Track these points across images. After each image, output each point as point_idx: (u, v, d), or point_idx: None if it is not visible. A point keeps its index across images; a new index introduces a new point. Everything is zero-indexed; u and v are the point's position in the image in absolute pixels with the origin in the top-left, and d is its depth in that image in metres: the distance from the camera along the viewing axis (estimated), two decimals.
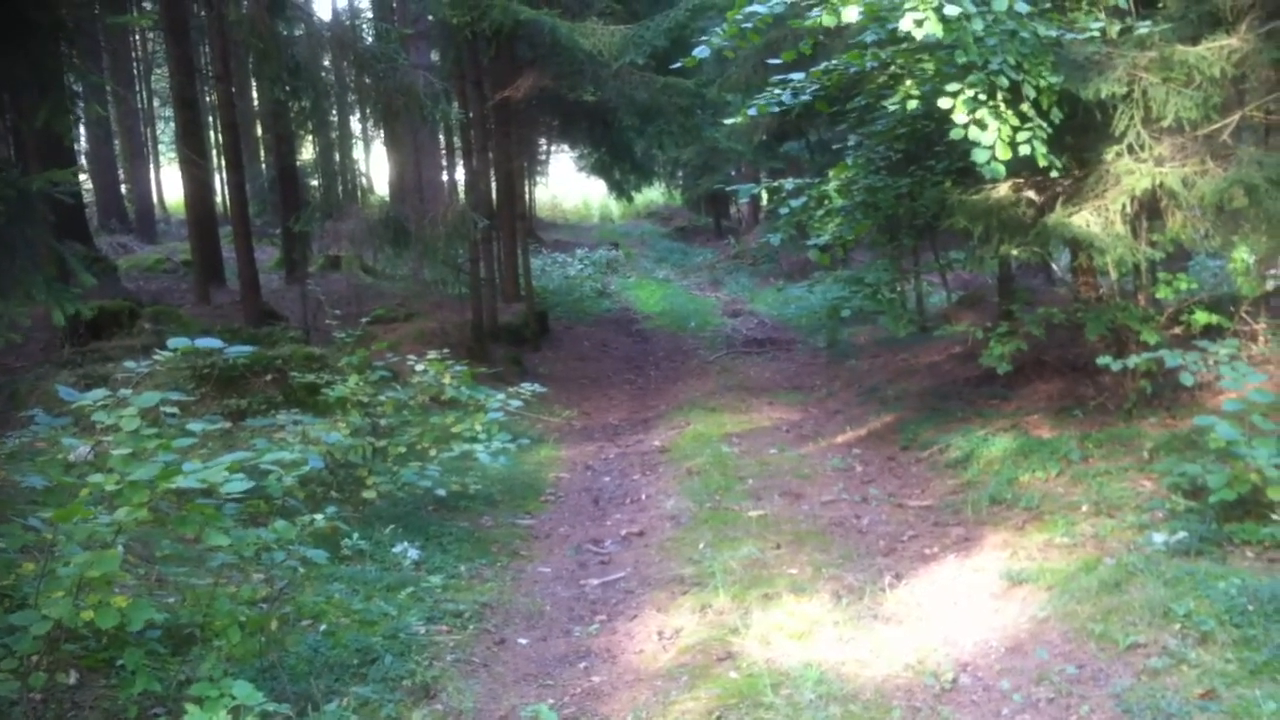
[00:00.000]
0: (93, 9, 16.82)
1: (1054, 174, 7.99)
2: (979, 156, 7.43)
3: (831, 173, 11.46)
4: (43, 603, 4.14)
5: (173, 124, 26.75)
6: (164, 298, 16.65)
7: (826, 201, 11.30)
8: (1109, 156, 8.00)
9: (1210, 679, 4.58)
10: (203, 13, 17.13)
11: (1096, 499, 7.22)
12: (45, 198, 6.36)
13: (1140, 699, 4.54)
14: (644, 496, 9.25)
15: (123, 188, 28.41)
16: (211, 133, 26.84)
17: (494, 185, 17.86)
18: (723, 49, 8.67)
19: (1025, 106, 7.53)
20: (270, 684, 4.81)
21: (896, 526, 7.80)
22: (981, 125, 7.37)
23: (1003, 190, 8.63)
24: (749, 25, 8.29)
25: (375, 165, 38.35)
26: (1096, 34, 7.74)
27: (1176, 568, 5.66)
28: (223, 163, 21.45)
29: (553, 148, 37.76)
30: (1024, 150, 7.45)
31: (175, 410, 5.35)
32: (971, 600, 6.09)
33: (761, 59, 12.66)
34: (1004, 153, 7.39)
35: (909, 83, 8.75)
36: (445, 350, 9.62)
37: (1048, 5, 7.96)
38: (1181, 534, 6.11)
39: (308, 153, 25.27)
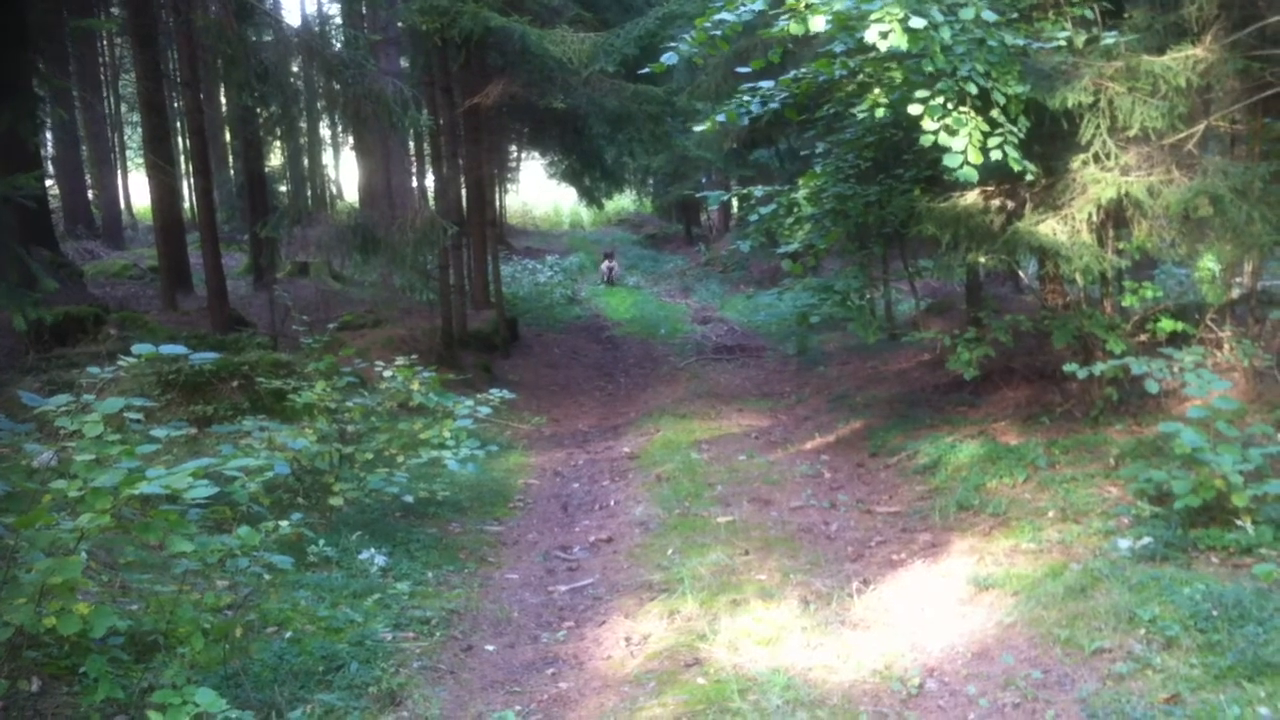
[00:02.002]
0: (59, 13, 16.75)
1: (1028, 178, 8.02)
2: (951, 161, 7.45)
3: (801, 180, 11.49)
4: (4, 609, 4.09)
5: (140, 129, 26.53)
6: (130, 304, 16.54)
7: (796, 209, 11.34)
8: (1075, 165, 8.05)
9: (1175, 684, 4.60)
10: (170, 18, 17.03)
11: (1063, 505, 7.25)
12: (8, 202, 6.32)
13: (1105, 704, 4.56)
14: (613, 503, 9.24)
15: (90, 193, 28.19)
16: (179, 138, 26.69)
17: (464, 192, 17.84)
18: (692, 56, 8.66)
19: (995, 113, 7.56)
20: (234, 691, 4.78)
21: (864, 532, 7.82)
22: (951, 132, 7.41)
23: (971, 198, 8.68)
24: (718, 33, 8.29)
25: (344, 171, 38.30)
26: (1063, 44, 7.79)
27: (1142, 573, 5.69)
28: (190, 168, 21.35)
29: (523, 155, 37.75)
30: (995, 155, 7.47)
31: (140, 416, 5.31)
32: (938, 606, 6.11)
33: (731, 67, 12.66)
34: (976, 157, 7.41)
35: (877, 91, 8.78)
36: (414, 356, 9.59)
37: (1015, 15, 8.00)
38: (1147, 540, 6.14)
39: (276, 159, 25.22)
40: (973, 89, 7.38)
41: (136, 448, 4.63)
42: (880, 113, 8.62)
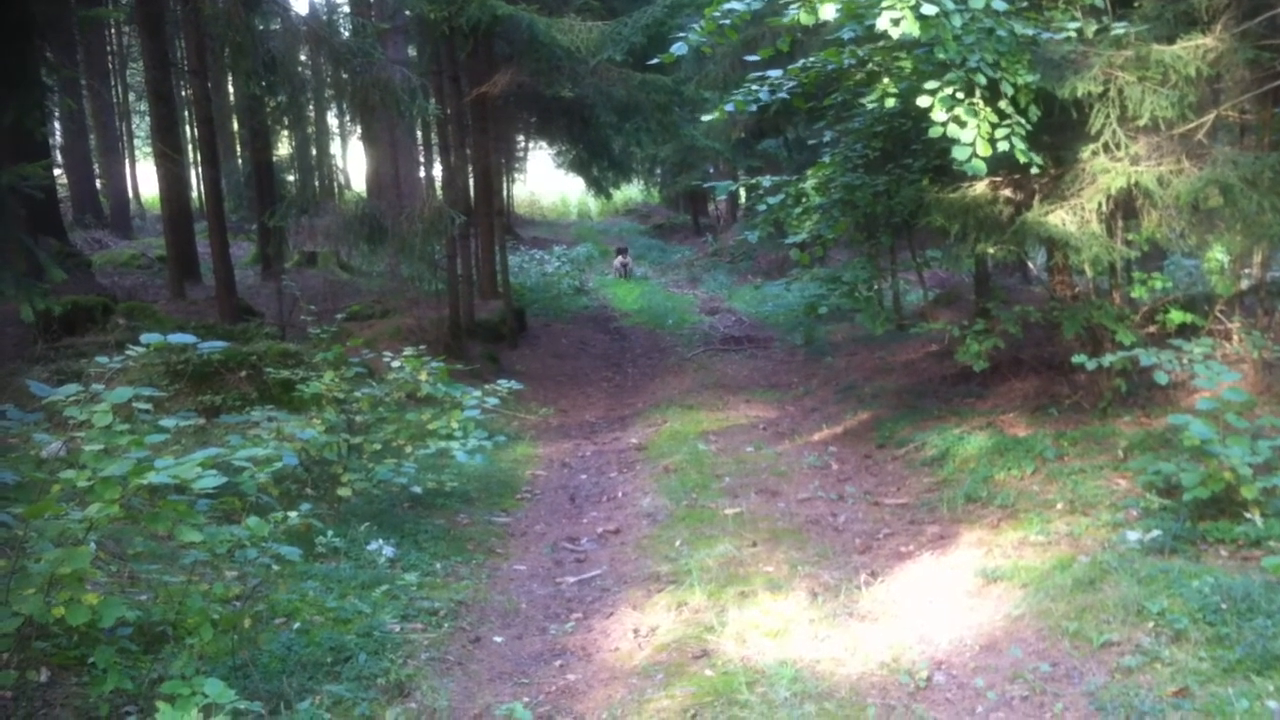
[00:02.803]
0: (66, 2, 16.73)
1: (1034, 170, 8.00)
2: (959, 154, 7.43)
3: (809, 171, 11.47)
4: (13, 599, 4.10)
5: (148, 119, 26.54)
6: (138, 293, 16.56)
7: (804, 199, 11.31)
8: (1085, 155, 8.03)
9: (1183, 677, 4.59)
10: (178, 7, 17.02)
11: (1071, 497, 7.24)
12: (16, 192, 6.32)
13: (1114, 697, 4.56)
14: (620, 494, 9.24)
15: (98, 183, 28.22)
16: (187, 127, 26.69)
17: (471, 181, 17.82)
18: (700, 46, 8.64)
19: (1004, 104, 7.54)
20: (243, 682, 4.78)
21: (873, 524, 7.81)
22: (960, 123, 7.38)
23: (980, 188, 8.65)
24: (727, 22, 8.27)
25: (352, 161, 38.31)
26: (1073, 33, 7.75)
27: (1150, 566, 5.68)
28: (198, 158, 21.33)
29: (531, 144, 37.71)
30: (1003, 147, 7.45)
31: (148, 406, 5.31)
32: (947, 598, 6.10)
33: (739, 56, 12.65)
34: (984, 149, 7.39)
35: (886, 80, 8.75)
36: (422, 347, 9.59)
37: (1024, 4, 7.97)
38: (1155, 532, 6.13)
39: (284, 148, 25.20)
40: (982, 79, 7.35)
41: (145, 438, 4.64)
42: (889, 102, 8.60)
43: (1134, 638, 5.01)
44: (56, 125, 24.66)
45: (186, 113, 25.90)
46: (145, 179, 35.35)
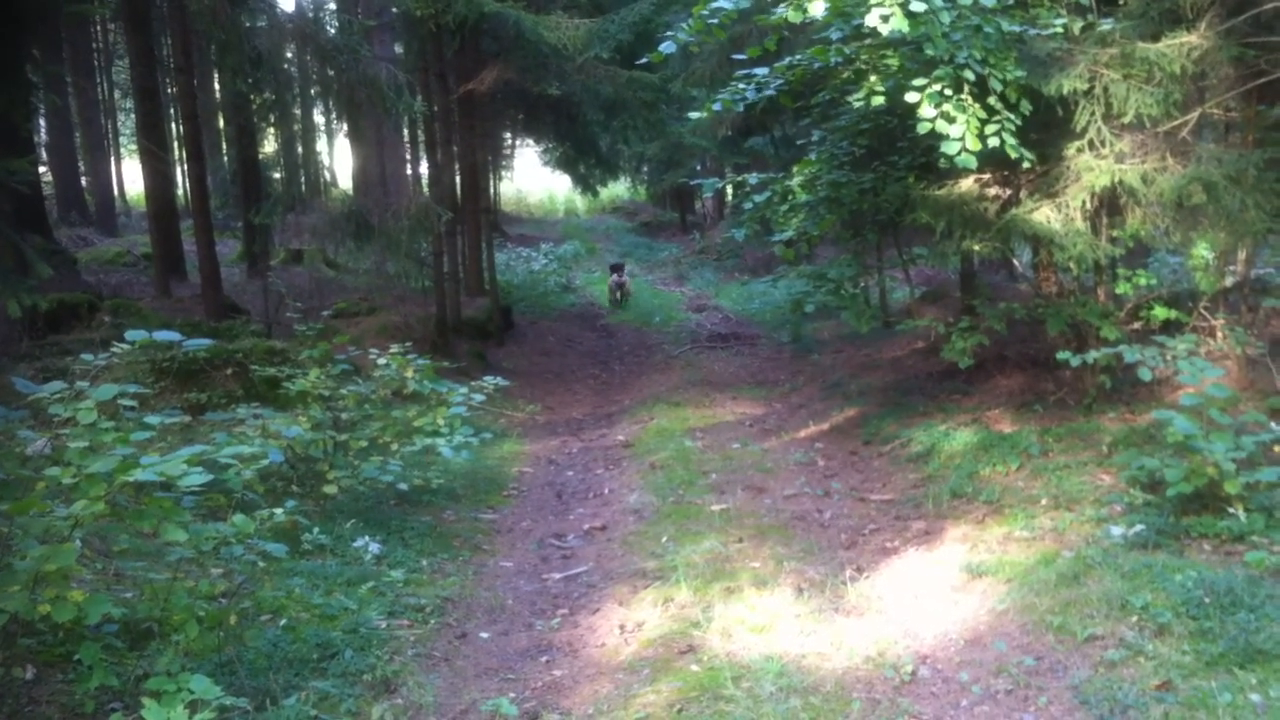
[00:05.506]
0: None
1: (1025, 165, 8.00)
2: (950, 148, 7.42)
3: (795, 168, 11.47)
4: None
5: (133, 116, 26.43)
6: (124, 291, 16.50)
7: (790, 197, 11.31)
8: (1070, 152, 8.04)
9: (1167, 670, 4.61)
10: (163, 3, 16.97)
11: (1056, 493, 7.26)
12: (1, 188, 6.29)
13: (1097, 690, 4.58)
14: (607, 491, 9.24)
15: (83, 180, 28.07)
16: (173, 124, 26.57)
17: (458, 179, 17.81)
18: (688, 44, 8.64)
19: (992, 99, 7.55)
20: (228, 678, 4.78)
21: (858, 520, 7.83)
22: (949, 119, 7.39)
23: (965, 185, 8.67)
24: (714, 20, 8.26)
25: (338, 158, 38.26)
26: (1059, 30, 7.77)
27: (1134, 560, 5.71)
28: (184, 155, 21.26)
29: (518, 141, 37.69)
30: (993, 142, 7.46)
31: (134, 403, 5.30)
32: (932, 593, 6.12)
33: (726, 54, 12.65)
34: (974, 144, 7.39)
35: (873, 78, 8.76)
36: (408, 344, 9.59)
37: (1011, 1, 7.99)
38: (1139, 527, 6.15)
39: (270, 145, 25.12)
40: (970, 75, 7.36)
41: (130, 435, 4.63)
42: (876, 100, 8.60)
43: (1118, 632, 5.04)
44: (42, 122, 24.54)
45: (172, 110, 25.76)
46: (131, 176, 35.24)
